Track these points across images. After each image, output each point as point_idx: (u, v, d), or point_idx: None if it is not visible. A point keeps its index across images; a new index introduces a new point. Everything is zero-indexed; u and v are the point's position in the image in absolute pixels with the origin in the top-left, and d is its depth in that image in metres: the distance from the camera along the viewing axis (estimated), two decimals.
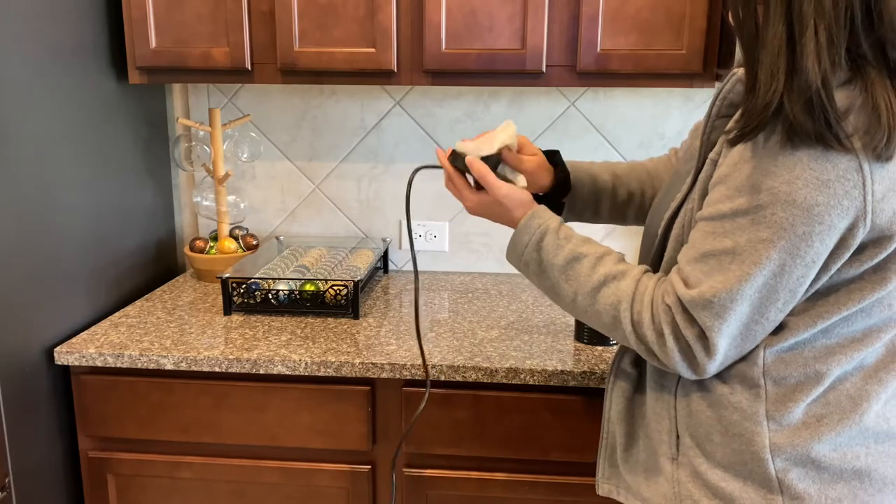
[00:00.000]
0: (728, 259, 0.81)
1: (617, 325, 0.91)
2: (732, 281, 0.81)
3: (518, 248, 1.02)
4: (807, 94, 0.73)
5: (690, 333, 0.85)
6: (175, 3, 1.55)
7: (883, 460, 0.85)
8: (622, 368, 1.04)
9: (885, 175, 0.75)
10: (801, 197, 0.75)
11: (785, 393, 0.86)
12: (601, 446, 1.09)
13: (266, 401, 1.39)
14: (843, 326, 0.84)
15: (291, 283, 1.60)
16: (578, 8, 1.48)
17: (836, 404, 0.85)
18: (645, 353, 0.91)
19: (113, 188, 1.65)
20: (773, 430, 0.86)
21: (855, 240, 0.77)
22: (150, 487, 1.46)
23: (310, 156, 1.94)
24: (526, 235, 1.02)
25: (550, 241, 0.99)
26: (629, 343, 0.91)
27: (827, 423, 0.85)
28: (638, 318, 0.89)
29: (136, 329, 1.50)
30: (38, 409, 1.39)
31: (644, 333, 0.89)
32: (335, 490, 1.43)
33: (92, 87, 1.56)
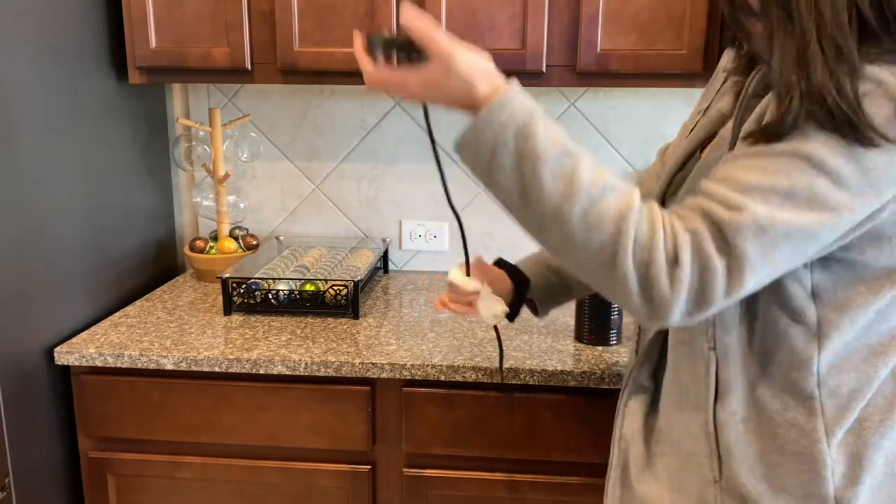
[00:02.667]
0: (782, 198, 0.70)
1: (616, 242, 0.71)
2: (788, 218, 0.70)
3: (491, 128, 0.77)
4: (826, 106, 0.70)
5: (720, 263, 0.70)
6: (175, 3, 1.55)
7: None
8: (639, 383, 0.97)
9: None
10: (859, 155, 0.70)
11: (841, 404, 0.81)
12: (611, 466, 1.02)
13: (266, 401, 1.39)
14: (880, 323, 0.80)
15: (291, 283, 1.60)
16: (578, 8, 1.48)
17: (874, 405, 0.82)
18: (636, 285, 0.71)
19: (113, 188, 1.65)
20: (832, 445, 0.81)
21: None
22: (150, 487, 1.46)
23: (310, 156, 1.94)
24: (505, 113, 0.77)
25: (541, 126, 0.77)
26: (618, 271, 0.71)
27: (868, 425, 0.81)
28: (649, 237, 0.71)
29: (136, 329, 1.50)
30: (38, 409, 1.39)
31: (652, 257, 0.70)
32: (335, 490, 1.43)
33: (92, 87, 1.56)
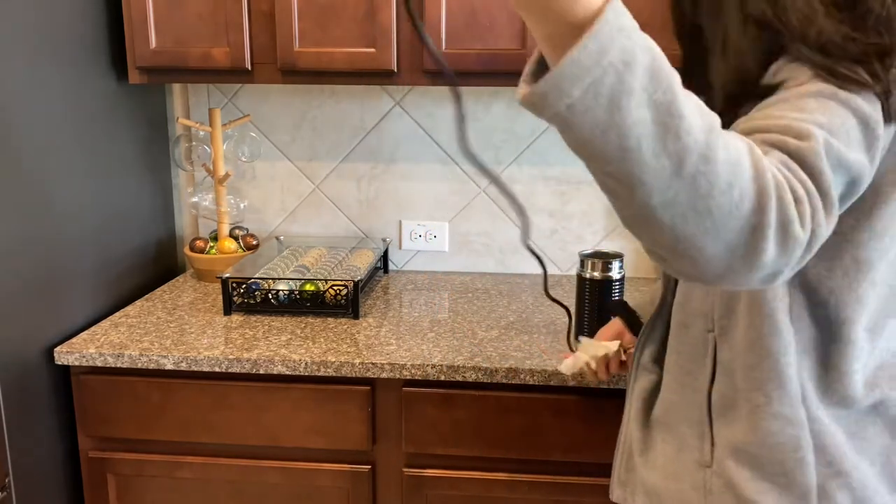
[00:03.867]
0: (826, 129, 0.65)
1: (757, 179, 0.58)
2: (842, 148, 0.65)
3: (615, 45, 0.53)
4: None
5: (814, 188, 0.62)
6: (175, 3, 1.55)
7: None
8: (643, 365, 0.98)
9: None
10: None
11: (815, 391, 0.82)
12: (618, 450, 1.03)
13: (266, 401, 1.39)
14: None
15: (291, 283, 1.60)
16: None
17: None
18: (774, 234, 0.59)
19: (113, 188, 1.65)
20: (816, 431, 0.81)
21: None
22: (150, 487, 1.46)
23: (310, 156, 1.94)
24: (636, 31, 0.56)
25: (650, 54, 0.56)
26: (764, 219, 0.59)
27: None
28: (778, 176, 0.60)
29: (136, 329, 1.51)
30: (38, 409, 1.39)
31: (783, 196, 0.59)
32: (335, 490, 1.43)
33: (92, 87, 1.56)
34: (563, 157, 1.86)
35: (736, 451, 0.85)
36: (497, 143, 1.88)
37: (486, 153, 1.89)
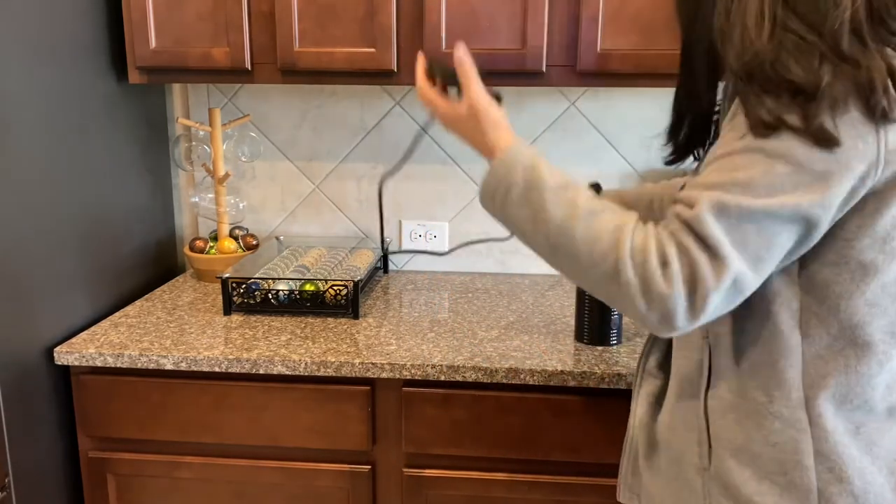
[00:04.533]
0: (741, 188, 0.74)
1: (616, 251, 0.77)
2: (745, 202, 0.73)
3: (506, 167, 0.88)
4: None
5: (701, 255, 0.74)
6: (175, 4, 1.55)
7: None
8: (648, 370, 0.99)
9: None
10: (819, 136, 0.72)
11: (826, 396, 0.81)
12: (625, 451, 1.04)
13: (266, 401, 1.39)
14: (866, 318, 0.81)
15: (291, 283, 1.60)
16: (578, 8, 1.48)
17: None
18: (638, 290, 0.76)
19: (113, 188, 1.65)
20: (817, 437, 0.81)
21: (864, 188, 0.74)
22: (150, 487, 1.46)
23: (310, 156, 1.94)
24: (521, 155, 0.88)
25: (546, 166, 0.87)
26: (621, 279, 0.77)
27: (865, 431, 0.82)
28: (642, 245, 0.76)
29: (136, 329, 1.51)
30: (38, 409, 1.39)
31: (647, 260, 0.75)
32: (335, 490, 1.43)
33: (92, 87, 1.56)
34: (562, 157, 1.86)
35: (737, 451, 0.85)
36: None
37: None
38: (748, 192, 0.73)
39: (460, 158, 1.90)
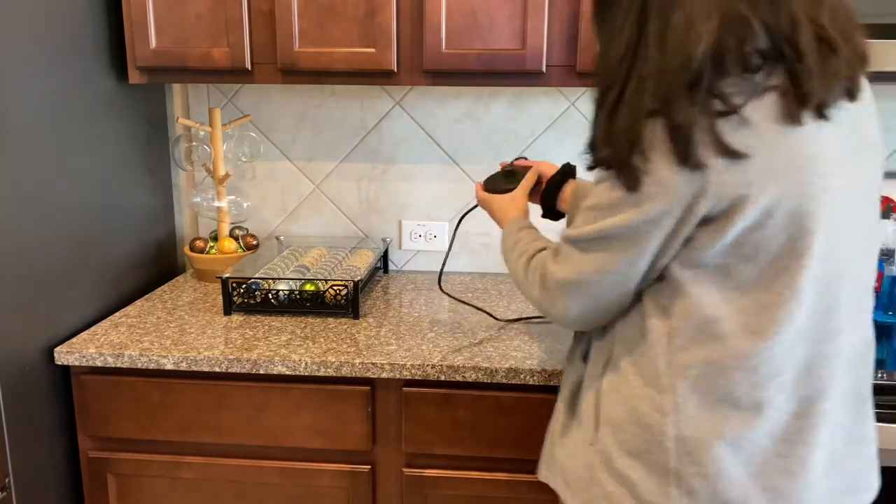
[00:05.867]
0: (580, 219, 0.91)
1: (522, 278, 1.06)
2: (576, 233, 0.92)
3: (504, 236, 1.20)
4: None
5: (550, 267, 0.99)
6: (175, 3, 1.56)
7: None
8: (572, 360, 1.09)
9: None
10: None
11: (688, 384, 0.88)
12: (547, 435, 1.12)
13: (266, 401, 1.39)
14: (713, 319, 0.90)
15: (291, 283, 1.60)
16: (578, 8, 1.48)
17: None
18: (533, 301, 1.04)
19: (113, 188, 1.65)
20: (678, 421, 0.88)
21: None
22: (150, 487, 1.46)
23: (310, 156, 1.94)
24: (506, 232, 1.20)
25: (511, 235, 1.16)
26: (531, 296, 1.04)
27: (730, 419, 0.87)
28: (536, 267, 1.03)
29: (136, 329, 1.51)
30: (38, 409, 1.39)
31: (532, 280, 1.03)
32: (335, 490, 1.43)
33: (92, 87, 1.56)
34: (562, 157, 1.86)
35: (616, 428, 0.93)
36: (497, 143, 1.88)
37: (485, 153, 1.89)
38: (586, 221, 0.90)
39: (460, 158, 1.90)
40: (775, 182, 0.80)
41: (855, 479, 0.92)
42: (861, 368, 0.92)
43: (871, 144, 0.88)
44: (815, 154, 0.81)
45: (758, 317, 0.84)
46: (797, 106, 0.80)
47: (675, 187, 0.81)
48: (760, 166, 0.79)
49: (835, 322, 0.86)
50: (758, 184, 0.79)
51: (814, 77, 0.79)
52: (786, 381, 0.86)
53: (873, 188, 0.89)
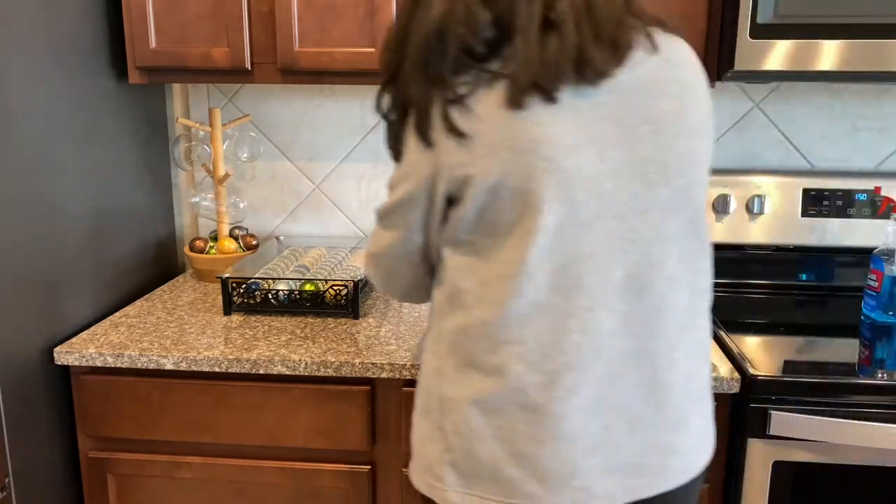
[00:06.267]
0: (379, 220, 1.00)
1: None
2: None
3: None
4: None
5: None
6: (175, 3, 1.55)
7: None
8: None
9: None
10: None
11: (448, 349, 0.96)
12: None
13: (266, 401, 1.39)
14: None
15: (291, 283, 1.60)
16: None
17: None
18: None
19: (113, 188, 1.65)
20: (442, 383, 0.96)
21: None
22: (150, 487, 1.46)
23: (310, 156, 1.94)
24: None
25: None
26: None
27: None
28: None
29: (136, 329, 1.51)
30: (38, 409, 1.39)
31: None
32: (335, 490, 1.43)
33: (92, 87, 1.56)
34: None
35: (420, 391, 1.01)
36: None
37: None
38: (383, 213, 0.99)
39: None
40: (497, 164, 0.84)
41: (641, 462, 0.91)
42: (662, 356, 0.91)
43: (661, 120, 0.87)
44: (542, 137, 0.83)
45: (494, 288, 0.88)
46: (520, 92, 0.82)
47: (419, 167, 0.89)
48: (483, 150, 0.84)
49: (582, 300, 0.87)
50: (481, 165, 0.84)
51: (534, 63, 0.82)
52: (526, 352, 0.88)
53: (674, 163, 0.88)
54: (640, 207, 0.87)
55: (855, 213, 1.73)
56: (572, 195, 0.84)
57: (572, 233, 0.86)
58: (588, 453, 0.89)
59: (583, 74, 0.83)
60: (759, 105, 1.82)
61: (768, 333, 1.49)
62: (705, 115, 0.92)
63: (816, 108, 1.81)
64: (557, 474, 0.89)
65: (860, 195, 1.72)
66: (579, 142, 0.84)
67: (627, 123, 0.85)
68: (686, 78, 0.89)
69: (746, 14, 1.38)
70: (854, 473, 1.27)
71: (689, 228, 0.91)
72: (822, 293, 1.76)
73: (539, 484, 0.90)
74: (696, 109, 0.89)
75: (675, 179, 0.88)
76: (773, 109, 1.82)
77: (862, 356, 1.38)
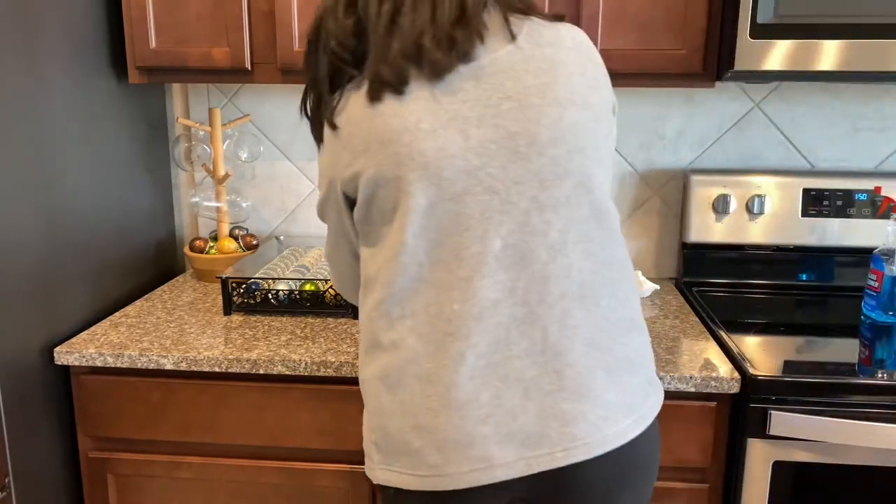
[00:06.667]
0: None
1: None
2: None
3: None
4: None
5: None
6: (175, 3, 1.55)
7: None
8: None
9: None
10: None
11: (362, 332, 1.03)
12: None
13: (266, 401, 1.39)
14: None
15: (291, 283, 1.60)
16: (578, 8, 1.48)
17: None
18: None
19: (113, 188, 1.65)
20: (361, 364, 1.03)
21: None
22: (150, 487, 1.46)
23: (310, 156, 1.94)
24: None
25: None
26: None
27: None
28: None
29: (136, 329, 1.51)
30: (38, 409, 1.39)
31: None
32: (335, 490, 1.43)
33: (92, 87, 1.56)
34: None
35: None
36: None
37: None
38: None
39: None
40: (371, 158, 0.92)
41: (539, 431, 0.91)
42: (554, 323, 0.91)
43: (525, 95, 0.91)
44: (401, 126, 0.90)
45: (384, 270, 0.95)
46: (374, 90, 0.91)
47: (324, 170, 1.00)
48: (359, 147, 0.93)
49: (461, 271, 0.91)
50: (360, 161, 0.93)
51: (381, 62, 0.91)
52: (418, 325, 0.93)
53: (545, 134, 0.91)
54: (513, 179, 0.90)
55: (855, 213, 1.73)
56: (439, 175, 0.90)
57: (444, 209, 0.91)
58: (481, 422, 0.91)
59: (423, 69, 0.90)
60: (759, 105, 1.82)
61: (768, 333, 1.49)
62: (582, 87, 0.93)
63: (816, 108, 1.81)
64: (455, 444, 0.91)
65: (860, 195, 1.72)
66: (438, 126, 0.90)
67: (490, 103, 0.90)
68: (554, 55, 0.93)
69: (746, 14, 1.38)
70: (854, 473, 1.27)
71: (578, 196, 0.92)
72: (822, 293, 1.76)
73: (439, 453, 0.92)
74: (566, 82, 0.92)
75: (550, 149, 0.91)
76: (773, 109, 1.82)
77: (862, 356, 1.38)
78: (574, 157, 0.91)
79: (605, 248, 0.95)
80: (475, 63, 0.91)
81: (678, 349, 1.40)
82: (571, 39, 0.95)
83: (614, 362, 0.94)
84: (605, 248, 0.95)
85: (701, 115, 1.83)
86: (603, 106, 0.96)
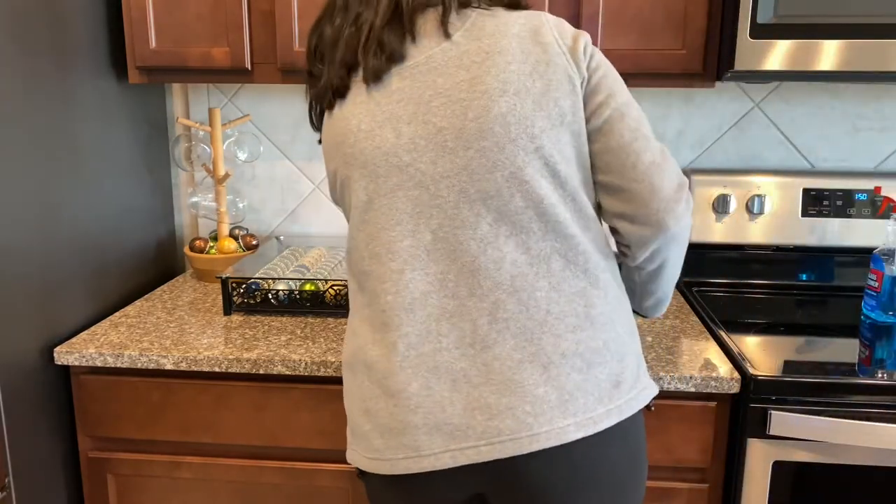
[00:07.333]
0: None
1: None
2: None
3: None
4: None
5: None
6: (175, 3, 1.55)
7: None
8: None
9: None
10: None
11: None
12: None
13: (266, 401, 1.39)
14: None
15: (291, 283, 1.60)
16: (578, 8, 1.48)
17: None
18: None
19: (113, 188, 1.65)
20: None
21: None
22: (150, 487, 1.46)
23: (310, 156, 1.94)
24: None
25: None
26: None
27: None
28: None
29: (136, 329, 1.51)
30: (38, 409, 1.39)
31: None
32: (336, 490, 1.43)
33: (92, 87, 1.56)
34: None
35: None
36: None
37: None
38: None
39: None
40: (334, 158, 1.01)
41: (465, 423, 0.91)
42: (483, 316, 0.92)
43: (453, 91, 0.93)
44: (346, 129, 0.98)
45: (348, 262, 1.03)
46: (328, 98, 1.00)
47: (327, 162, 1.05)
48: (328, 152, 1.02)
49: (393, 264, 0.95)
50: (332, 162, 1.02)
51: (329, 72, 0.99)
52: (369, 314, 0.98)
53: (471, 128, 0.92)
54: (441, 174, 0.93)
55: (855, 213, 1.73)
56: (375, 172, 0.96)
57: (379, 205, 0.96)
58: (412, 411, 0.93)
59: (360, 74, 0.97)
60: (759, 105, 1.82)
61: (768, 333, 1.49)
62: (518, 75, 0.92)
63: (816, 108, 1.81)
64: (392, 430, 0.94)
65: (860, 195, 1.72)
66: (375, 125, 0.95)
67: (422, 100, 0.94)
68: (491, 45, 0.93)
69: (746, 14, 1.38)
70: (854, 473, 1.27)
71: (510, 188, 0.92)
72: (822, 293, 1.76)
73: (381, 438, 0.95)
74: (499, 72, 0.92)
75: (478, 142, 0.91)
76: (773, 109, 1.82)
77: (862, 356, 1.38)
78: (505, 148, 0.91)
79: (546, 240, 0.93)
80: (409, 63, 0.95)
81: (678, 349, 1.40)
82: (519, 26, 0.94)
83: (557, 357, 0.91)
84: (546, 241, 0.93)
85: (701, 115, 1.83)
86: (550, 89, 0.92)
